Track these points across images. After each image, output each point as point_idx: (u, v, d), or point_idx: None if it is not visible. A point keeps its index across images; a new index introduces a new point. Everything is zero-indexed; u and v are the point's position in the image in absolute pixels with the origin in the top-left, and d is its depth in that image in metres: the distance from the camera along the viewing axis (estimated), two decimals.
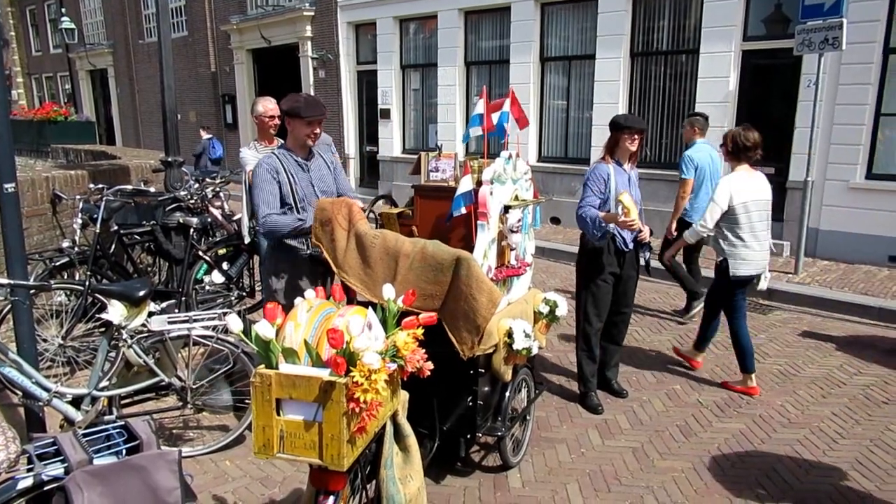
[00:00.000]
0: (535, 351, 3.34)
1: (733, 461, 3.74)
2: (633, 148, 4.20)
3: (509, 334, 3.24)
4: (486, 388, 3.38)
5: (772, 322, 6.26)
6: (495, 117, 3.71)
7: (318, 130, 3.57)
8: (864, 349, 5.52)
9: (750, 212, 4.41)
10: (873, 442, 3.95)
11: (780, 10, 8.49)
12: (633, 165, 4.38)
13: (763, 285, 4.63)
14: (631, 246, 4.32)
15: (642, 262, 4.43)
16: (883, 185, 7.72)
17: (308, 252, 3.58)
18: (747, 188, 4.43)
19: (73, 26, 19.88)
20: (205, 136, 13.99)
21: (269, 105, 4.95)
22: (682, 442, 3.97)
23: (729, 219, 4.45)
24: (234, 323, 2.12)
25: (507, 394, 3.48)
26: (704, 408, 4.43)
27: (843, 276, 7.37)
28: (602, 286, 4.28)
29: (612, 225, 4.10)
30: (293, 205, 3.51)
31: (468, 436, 3.36)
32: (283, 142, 5.06)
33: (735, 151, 4.53)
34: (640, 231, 4.25)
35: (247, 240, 5.22)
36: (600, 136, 9.86)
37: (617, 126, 4.17)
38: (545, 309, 3.69)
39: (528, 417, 3.85)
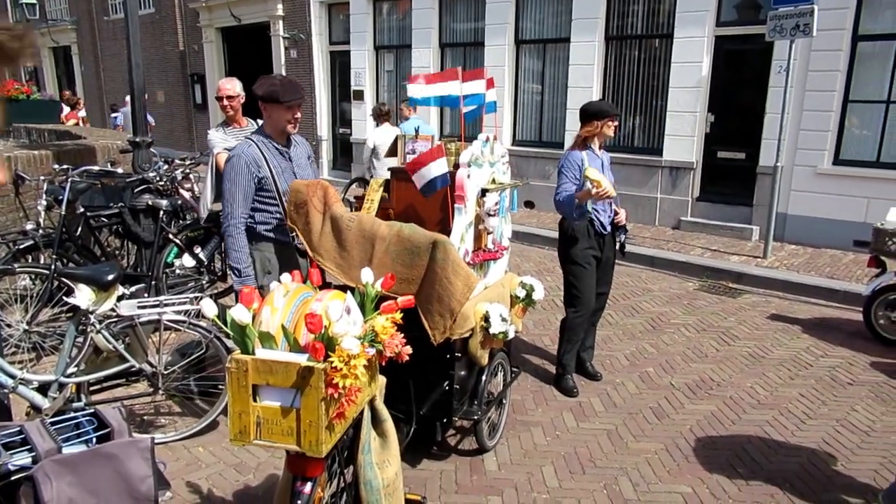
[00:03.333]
0: (511, 335, 3.34)
1: (705, 442, 3.80)
2: (612, 133, 4.31)
3: (486, 318, 3.23)
4: (463, 373, 3.38)
5: (741, 305, 6.37)
6: (470, 87, 3.64)
7: (298, 115, 3.40)
8: (829, 332, 5.64)
9: (379, 152, 7.70)
10: (839, 422, 4.05)
11: None
12: (603, 150, 4.44)
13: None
14: (609, 228, 4.37)
15: (618, 244, 4.48)
16: (849, 171, 7.87)
17: (297, 243, 3.50)
18: (382, 136, 7.74)
19: (34, 1, 19.23)
20: (112, 114, 13.93)
21: (225, 86, 4.77)
22: (655, 424, 4.03)
23: (373, 154, 7.86)
24: (209, 307, 2.07)
25: (484, 378, 3.48)
26: (676, 390, 4.49)
27: (810, 260, 7.52)
28: (587, 270, 4.32)
29: (589, 204, 4.15)
30: (276, 196, 3.39)
31: (444, 420, 3.36)
32: (254, 123, 4.96)
33: (377, 117, 8.15)
34: (617, 213, 4.33)
35: (202, 221, 5.15)
36: (575, 120, 9.86)
37: (605, 114, 4.22)
38: (522, 293, 3.69)
39: (504, 401, 3.86)
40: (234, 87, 4.78)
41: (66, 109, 14.47)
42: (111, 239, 5.80)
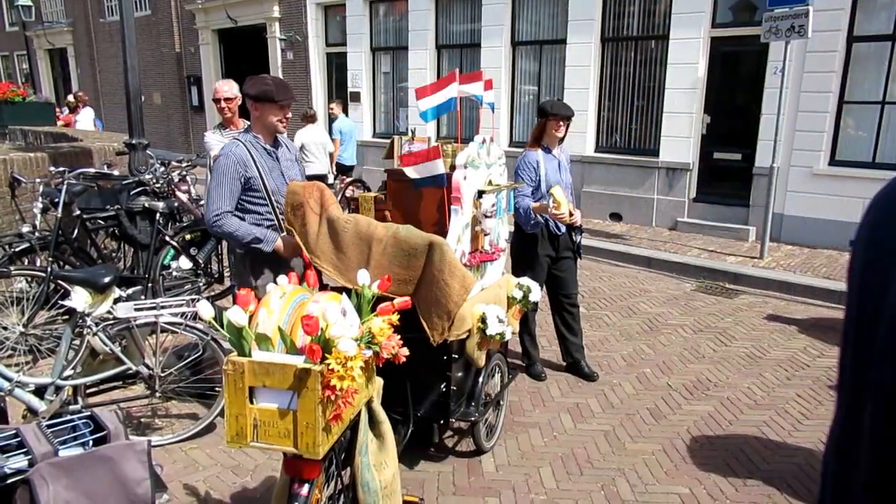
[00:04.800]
0: (508, 336, 3.34)
1: (702, 443, 3.81)
2: (560, 134, 4.34)
3: (483, 320, 3.23)
4: (460, 374, 3.38)
5: (738, 306, 6.37)
6: (468, 89, 3.64)
7: (289, 115, 3.45)
8: (826, 332, 5.65)
9: (309, 148, 8.90)
10: None
11: None
12: (561, 149, 4.46)
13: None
14: (563, 229, 4.40)
15: (575, 245, 4.52)
16: (845, 172, 7.88)
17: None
18: (308, 136, 8.93)
19: (29, 3, 19.13)
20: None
21: (222, 88, 4.77)
22: (653, 424, 4.03)
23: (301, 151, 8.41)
24: (205, 309, 2.07)
25: (481, 379, 3.49)
26: (674, 391, 4.49)
27: (807, 260, 7.54)
28: (540, 268, 4.40)
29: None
30: (266, 197, 3.39)
31: (442, 421, 3.36)
32: (249, 123, 4.95)
33: (303, 119, 9.13)
34: (572, 215, 4.36)
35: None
36: (572, 122, 9.87)
37: (543, 113, 4.27)
38: (518, 294, 3.69)
39: (501, 402, 3.86)
40: (231, 89, 4.77)
41: (66, 110, 14.37)
42: (108, 241, 5.79)
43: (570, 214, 4.21)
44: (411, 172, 3.23)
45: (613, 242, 8.44)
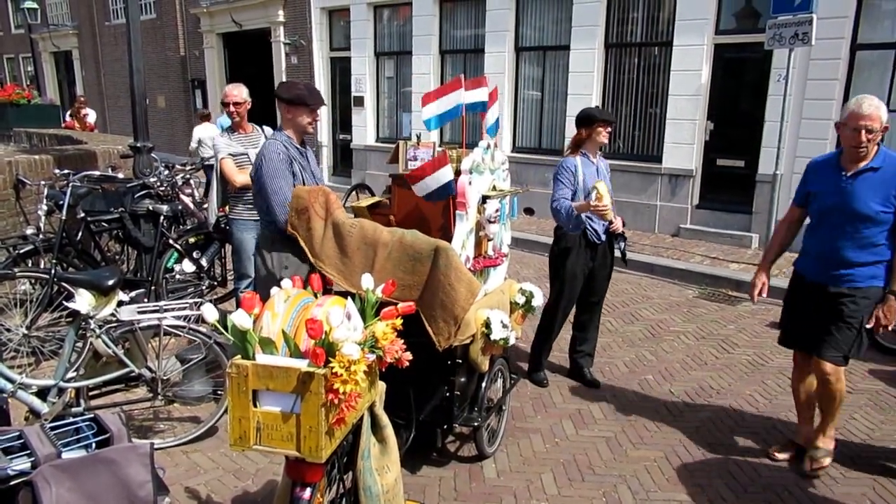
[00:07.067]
0: (512, 341, 3.34)
1: (704, 450, 3.80)
2: (605, 140, 4.33)
3: (487, 324, 3.23)
4: (463, 379, 3.37)
5: (740, 313, 6.36)
6: (470, 95, 3.63)
7: (318, 118, 3.67)
8: None
9: (205, 142, 8.83)
10: (838, 430, 4.03)
11: (751, 4, 8.60)
12: (599, 157, 4.47)
13: None
14: (603, 238, 4.39)
15: (618, 252, 4.51)
16: None
17: None
18: (204, 132, 8.99)
19: (35, 6, 19.25)
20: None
21: (232, 91, 4.79)
22: (655, 431, 4.02)
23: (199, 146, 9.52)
24: (210, 312, 2.07)
25: (484, 384, 3.48)
26: (676, 397, 4.49)
27: None
28: (576, 280, 4.38)
29: (585, 215, 4.17)
30: None
31: (444, 426, 3.35)
32: (258, 129, 4.98)
33: (200, 118, 8.99)
34: (612, 222, 4.34)
35: (210, 227, 5.14)
36: (574, 127, 9.85)
37: (594, 119, 4.26)
38: (521, 299, 3.69)
39: (503, 408, 3.86)
40: (240, 93, 4.77)
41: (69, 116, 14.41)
42: (111, 244, 5.81)
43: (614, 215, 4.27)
44: (420, 190, 3.24)
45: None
